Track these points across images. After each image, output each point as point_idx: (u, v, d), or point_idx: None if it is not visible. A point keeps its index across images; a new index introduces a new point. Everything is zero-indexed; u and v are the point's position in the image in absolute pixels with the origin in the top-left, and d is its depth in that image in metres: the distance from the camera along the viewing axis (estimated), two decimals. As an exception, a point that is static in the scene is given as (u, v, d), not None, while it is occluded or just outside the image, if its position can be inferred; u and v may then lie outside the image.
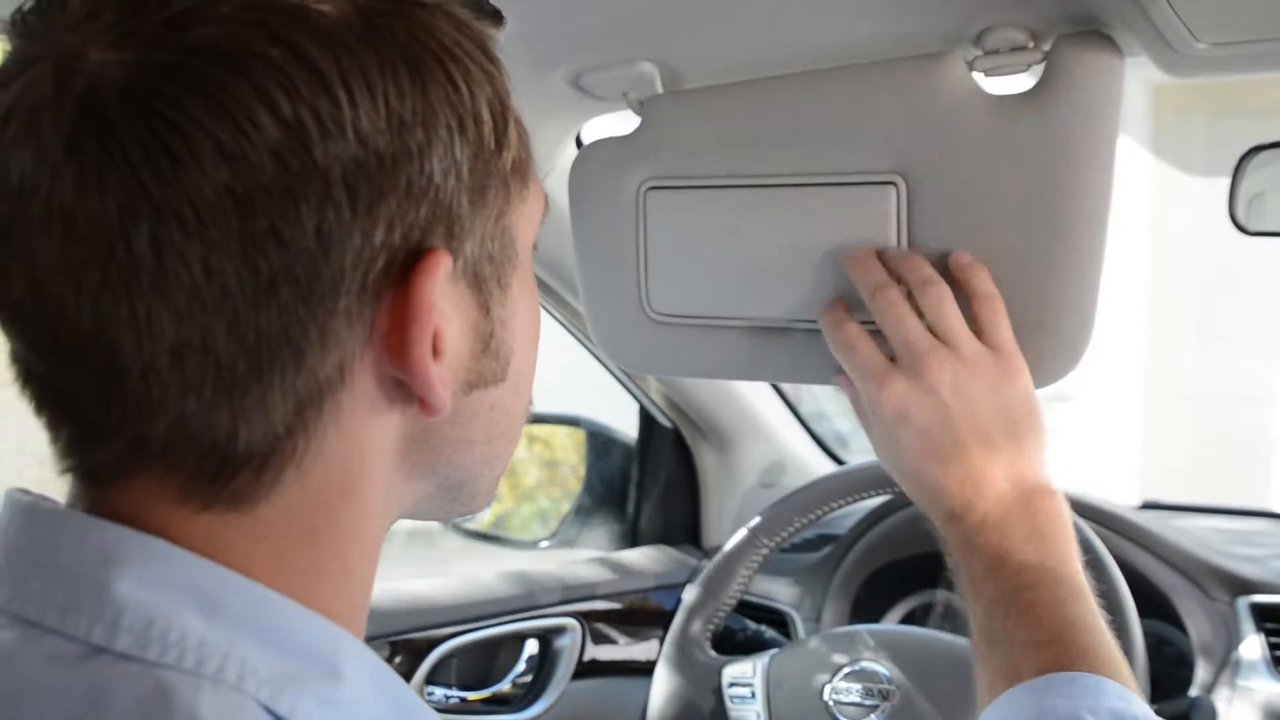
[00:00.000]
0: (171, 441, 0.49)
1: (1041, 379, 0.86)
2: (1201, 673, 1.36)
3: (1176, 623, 1.42)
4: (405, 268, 0.50)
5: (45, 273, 0.47)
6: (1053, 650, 0.75)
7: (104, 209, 0.46)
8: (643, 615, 1.72)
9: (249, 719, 0.46)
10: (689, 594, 1.48)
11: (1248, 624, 1.38)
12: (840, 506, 1.48)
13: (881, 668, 1.31)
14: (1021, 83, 0.87)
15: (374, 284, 0.49)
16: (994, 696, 0.77)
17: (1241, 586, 1.42)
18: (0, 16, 0.75)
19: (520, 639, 1.61)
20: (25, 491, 0.53)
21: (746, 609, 1.63)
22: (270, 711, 0.47)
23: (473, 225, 0.53)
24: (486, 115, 0.53)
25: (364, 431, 0.52)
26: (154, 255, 0.46)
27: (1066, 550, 0.82)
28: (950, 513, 0.84)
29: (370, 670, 0.52)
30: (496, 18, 0.58)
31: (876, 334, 0.85)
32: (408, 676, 1.45)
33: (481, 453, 0.59)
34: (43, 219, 0.46)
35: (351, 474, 0.52)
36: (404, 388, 0.52)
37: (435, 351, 0.51)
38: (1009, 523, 0.82)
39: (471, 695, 1.56)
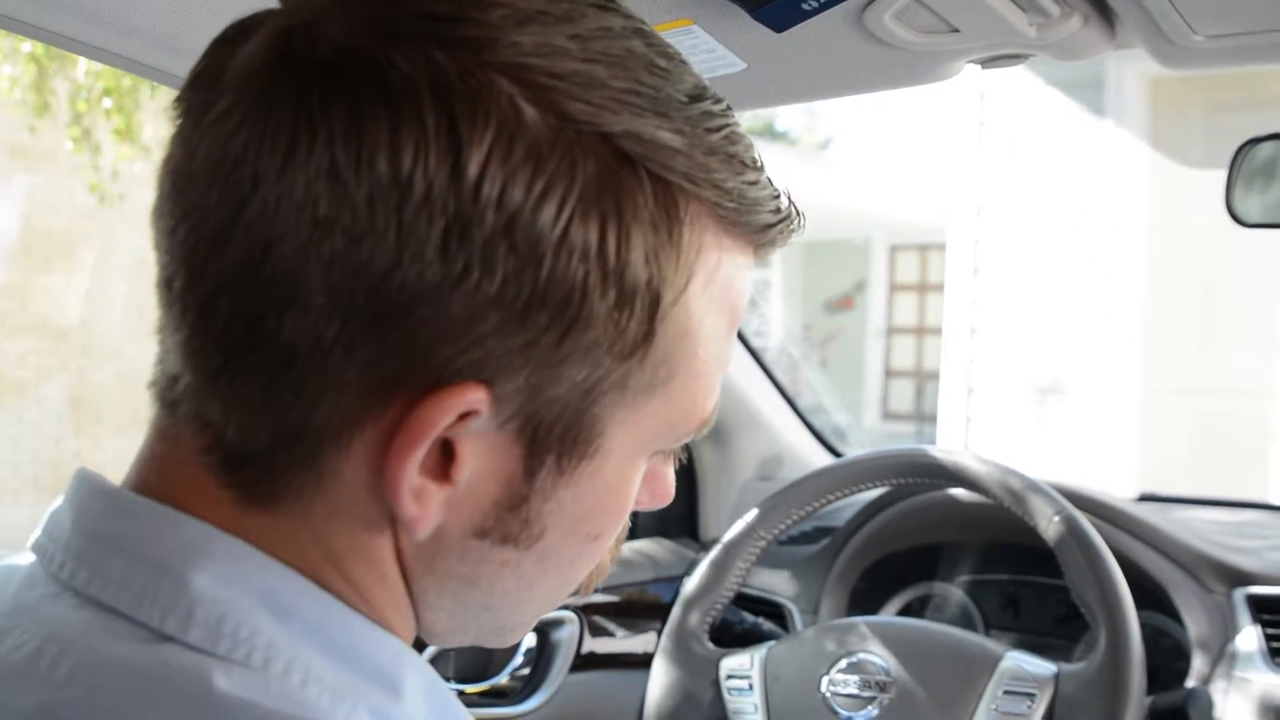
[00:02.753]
0: (190, 394, 0.50)
1: None
2: (1198, 664, 1.37)
3: (1174, 615, 1.42)
4: (431, 386, 0.48)
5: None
6: None
7: (227, 152, 0.47)
8: (640, 608, 1.72)
9: (313, 715, 0.47)
10: (686, 586, 1.48)
11: (1244, 615, 1.38)
12: (837, 499, 1.48)
13: (879, 659, 1.31)
14: (1015, 74, 0.87)
15: (391, 376, 0.48)
16: None
17: (1238, 578, 1.42)
18: (176, 74, 0.76)
19: (518, 632, 1.61)
20: (98, 475, 0.53)
21: (744, 601, 1.64)
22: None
23: (541, 387, 0.49)
24: (608, 296, 0.48)
25: (367, 514, 0.50)
26: (236, 210, 0.47)
27: None
28: None
29: (427, 687, 0.53)
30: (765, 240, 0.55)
31: None
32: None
33: (483, 599, 0.55)
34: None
35: (359, 549, 0.51)
36: None
37: (446, 474, 0.49)
38: None
39: (469, 688, 1.56)
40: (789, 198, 0.56)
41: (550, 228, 0.47)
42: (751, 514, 1.49)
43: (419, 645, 1.57)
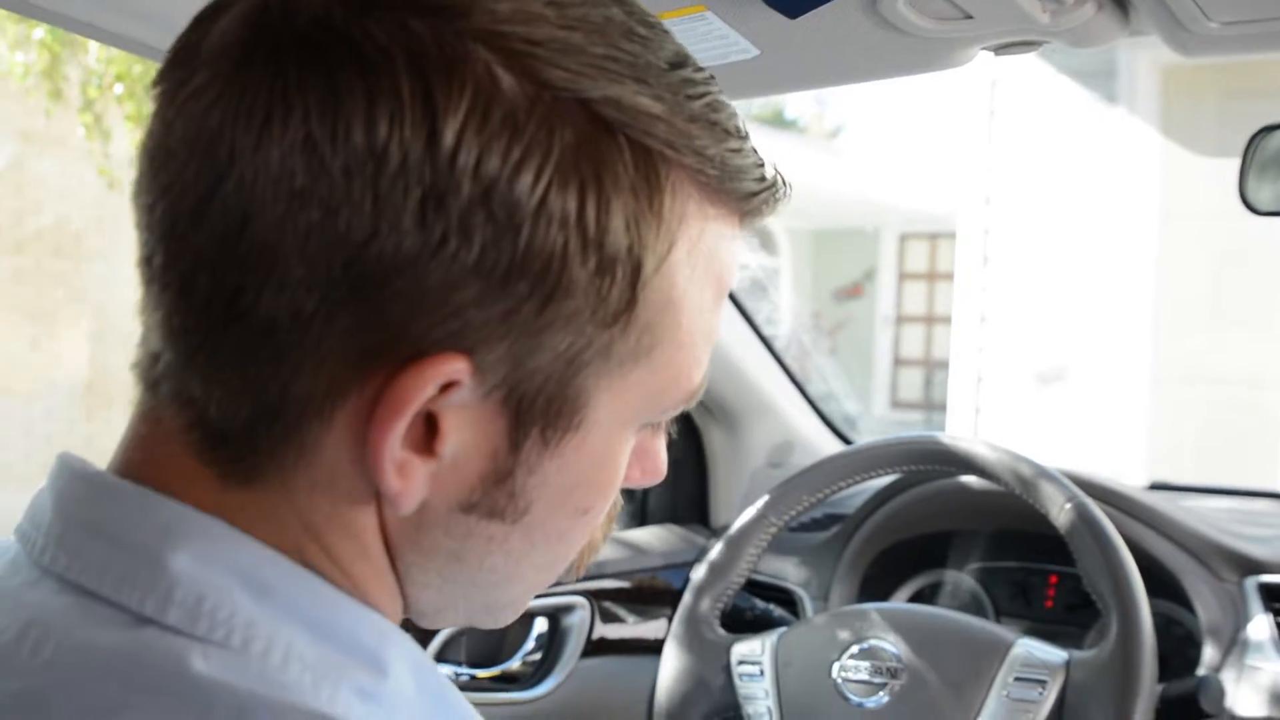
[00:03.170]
0: (171, 372, 0.50)
1: None
2: (1209, 652, 1.37)
3: (1185, 603, 1.42)
4: (411, 356, 0.47)
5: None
6: None
7: (203, 128, 0.47)
8: (651, 594, 1.72)
9: (294, 697, 0.46)
10: (697, 573, 1.49)
11: (1255, 604, 1.38)
12: (848, 486, 1.48)
13: (889, 646, 1.31)
14: (1027, 62, 0.87)
15: (371, 347, 0.47)
16: None
17: (1250, 566, 1.42)
18: (158, 47, 0.75)
19: (529, 617, 1.61)
20: (79, 459, 0.53)
21: (755, 588, 1.64)
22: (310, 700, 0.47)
23: (523, 358, 0.49)
24: (588, 264, 0.48)
25: (350, 488, 0.50)
26: (213, 184, 0.47)
27: None
28: None
29: (413, 664, 0.52)
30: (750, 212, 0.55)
31: None
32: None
33: (470, 575, 0.54)
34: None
35: (341, 523, 0.51)
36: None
37: (430, 448, 0.49)
38: None
39: (481, 673, 1.57)
40: (775, 168, 0.56)
41: (528, 195, 0.46)
42: (762, 500, 1.49)
43: (424, 638, 1.57)
